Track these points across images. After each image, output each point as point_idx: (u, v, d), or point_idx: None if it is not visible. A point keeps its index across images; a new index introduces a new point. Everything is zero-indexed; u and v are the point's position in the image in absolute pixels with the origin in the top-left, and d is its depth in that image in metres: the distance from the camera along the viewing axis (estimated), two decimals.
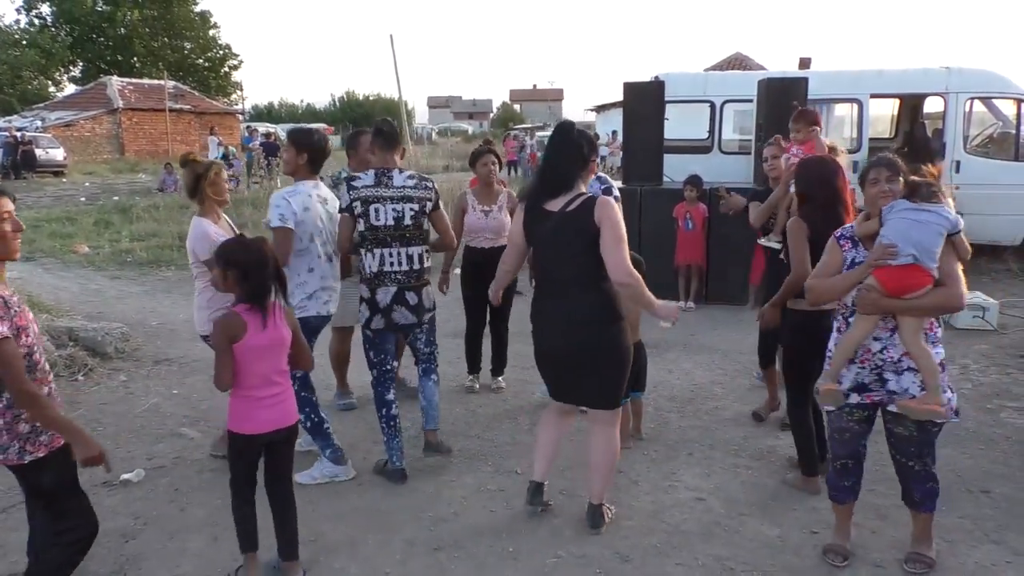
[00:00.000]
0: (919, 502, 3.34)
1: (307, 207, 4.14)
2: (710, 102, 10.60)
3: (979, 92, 9.97)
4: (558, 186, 3.45)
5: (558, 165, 3.50)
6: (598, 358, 3.46)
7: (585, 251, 3.36)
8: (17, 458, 2.73)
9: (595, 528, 3.67)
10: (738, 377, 6.00)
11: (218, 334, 3.04)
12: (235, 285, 3.08)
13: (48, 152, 26.03)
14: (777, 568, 3.36)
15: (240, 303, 3.09)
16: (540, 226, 3.47)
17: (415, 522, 3.78)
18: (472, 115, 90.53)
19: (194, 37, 47.05)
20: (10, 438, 2.71)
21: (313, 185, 4.27)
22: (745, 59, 27.70)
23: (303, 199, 4.15)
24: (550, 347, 3.57)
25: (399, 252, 4.18)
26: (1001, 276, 9.61)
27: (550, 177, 3.50)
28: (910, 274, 3.04)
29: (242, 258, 3.06)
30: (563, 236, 3.41)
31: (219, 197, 4.24)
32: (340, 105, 62.83)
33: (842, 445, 3.34)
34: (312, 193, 4.23)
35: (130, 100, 34.31)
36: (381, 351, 4.29)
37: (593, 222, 3.33)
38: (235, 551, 3.49)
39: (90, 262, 11.11)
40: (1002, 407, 5.30)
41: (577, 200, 3.40)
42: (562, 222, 3.40)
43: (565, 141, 3.52)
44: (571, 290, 3.46)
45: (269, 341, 3.10)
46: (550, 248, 3.47)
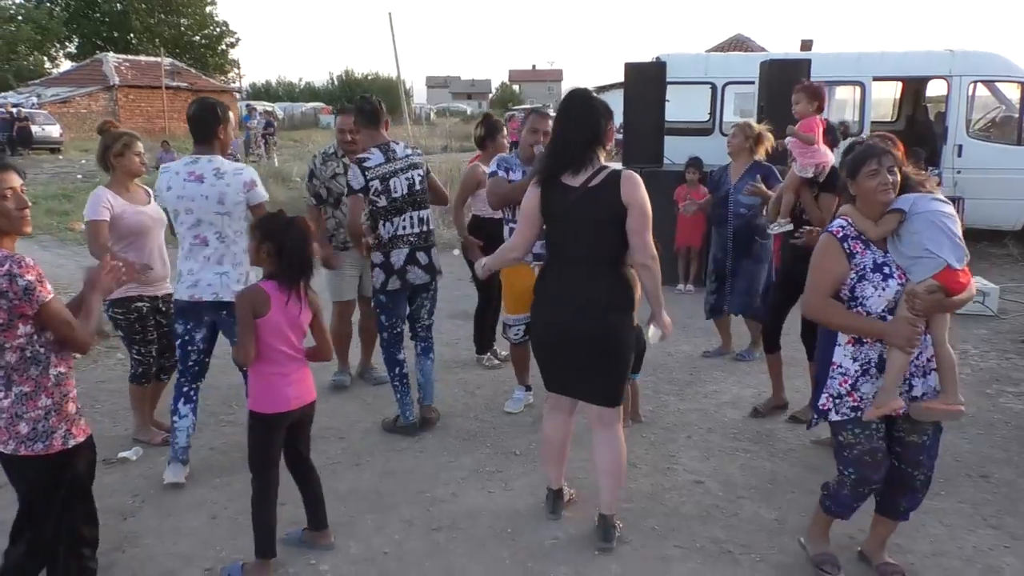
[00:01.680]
0: (904, 512, 3.12)
1: (170, 186, 3.85)
2: (711, 84, 10.54)
3: (983, 75, 9.89)
4: (577, 160, 3.21)
5: (575, 138, 3.23)
6: (604, 346, 3.24)
7: (607, 228, 3.19)
8: (62, 443, 2.58)
9: (606, 542, 3.37)
10: (737, 360, 5.99)
11: (243, 308, 3.03)
12: (267, 259, 3.07)
13: (44, 129, 25.93)
14: (775, 551, 3.36)
15: (269, 279, 3.08)
16: (558, 201, 3.23)
17: (413, 503, 3.78)
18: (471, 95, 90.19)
19: (191, 14, 46.72)
20: (59, 419, 2.59)
21: (189, 161, 3.90)
22: (747, 41, 27.51)
23: (168, 177, 3.87)
24: (556, 329, 3.29)
25: (411, 216, 4.47)
26: (1001, 261, 9.59)
27: (568, 151, 3.23)
28: (965, 273, 2.86)
29: (281, 234, 3.05)
30: (584, 212, 3.19)
31: (124, 170, 4.21)
32: (338, 84, 62.39)
33: (875, 468, 2.92)
34: (181, 170, 3.87)
35: (126, 77, 34.11)
36: (393, 315, 4.53)
37: (620, 199, 3.14)
38: (233, 530, 3.50)
39: (86, 239, 11.05)
40: (1001, 392, 5.30)
41: (600, 174, 3.20)
42: (584, 197, 3.18)
43: (581, 111, 3.26)
44: (587, 270, 3.23)
45: (291, 320, 3.09)
46: (568, 224, 3.24)
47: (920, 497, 3.07)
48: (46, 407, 2.56)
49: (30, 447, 2.54)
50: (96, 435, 2.84)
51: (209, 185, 3.83)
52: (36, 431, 2.54)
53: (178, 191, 3.83)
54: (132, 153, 4.24)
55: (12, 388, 2.52)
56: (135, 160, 4.24)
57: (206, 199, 3.82)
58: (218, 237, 3.87)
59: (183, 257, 3.91)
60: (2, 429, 2.54)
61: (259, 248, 3.08)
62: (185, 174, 3.85)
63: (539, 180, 3.31)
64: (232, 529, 3.53)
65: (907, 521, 3.19)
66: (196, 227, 3.86)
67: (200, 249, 3.87)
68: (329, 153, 5.25)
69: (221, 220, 3.85)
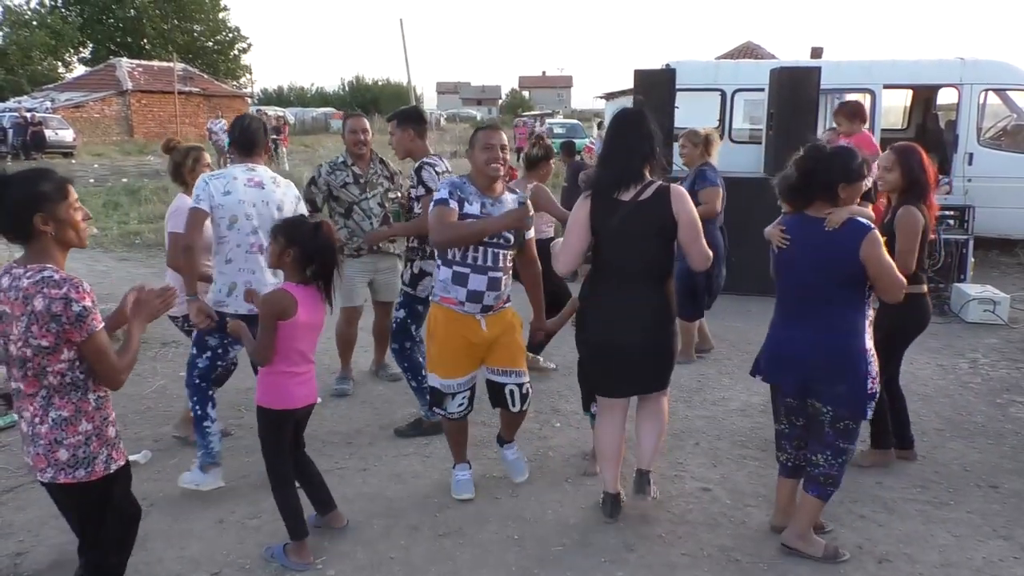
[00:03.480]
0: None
1: (228, 190, 3.77)
2: (721, 91, 10.52)
3: (993, 84, 9.85)
4: (629, 177, 3.34)
5: (630, 156, 3.36)
6: (665, 352, 3.53)
7: (657, 241, 3.36)
8: (104, 468, 2.48)
9: (640, 493, 3.70)
10: (745, 367, 5.95)
11: (268, 310, 3.08)
12: (291, 264, 3.13)
13: (58, 133, 26.11)
14: (781, 559, 3.35)
15: (295, 283, 3.14)
16: (609, 216, 3.35)
17: (420, 508, 3.78)
18: (481, 101, 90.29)
19: (204, 19, 47.01)
20: (99, 444, 2.47)
21: (247, 168, 3.88)
22: (757, 48, 27.48)
23: (226, 181, 3.79)
24: (621, 342, 3.43)
25: None
26: (1012, 270, 9.53)
27: (621, 168, 3.37)
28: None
29: (308, 239, 3.11)
30: (635, 226, 3.32)
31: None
32: (349, 89, 62.68)
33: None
34: (239, 175, 3.83)
35: (139, 82, 34.32)
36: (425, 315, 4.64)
37: (670, 213, 3.31)
38: (241, 534, 3.53)
39: (98, 243, 11.12)
40: (1011, 401, 5.26)
41: (649, 189, 3.33)
42: (635, 212, 3.31)
43: (635, 131, 3.40)
44: (641, 282, 3.40)
45: (312, 321, 3.18)
46: (619, 239, 3.36)
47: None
48: (87, 432, 2.44)
49: (70, 474, 2.42)
50: None
51: (269, 191, 3.87)
52: (76, 457, 2.42)
53: (240, 195, 3.78)
54: (202, 165, 4.40)
55: (50, 413, 2.39)
56: (206, 172, 4.29)
57: (267, 205, 3.84)
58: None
59: (232, 269, 3.80)
60: (40, 456, 2.41)
61: (283, 252, 3.12)
62: (245, 179, 3.82)
63: (591, 195, 3.43)
64: (240, 534, 3.55)
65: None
66: (253, 234, 3.80)
67: (256, 257, 3.80)
68: (338, 163, 5.25)
69: None
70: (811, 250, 3.18)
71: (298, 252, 3.10)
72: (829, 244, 3.13)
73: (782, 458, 3.49)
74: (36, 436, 2.41)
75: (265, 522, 3.62)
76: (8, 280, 2.35)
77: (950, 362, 6.04)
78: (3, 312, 2.35)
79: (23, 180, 2.38)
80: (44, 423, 2.40)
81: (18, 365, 2.38)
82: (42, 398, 2.40)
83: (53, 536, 3.53)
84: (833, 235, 3.12)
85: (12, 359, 2.39)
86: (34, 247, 2.39)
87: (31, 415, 2.42)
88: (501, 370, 3.75)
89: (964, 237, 7.81)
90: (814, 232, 3.17)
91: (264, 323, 3.08)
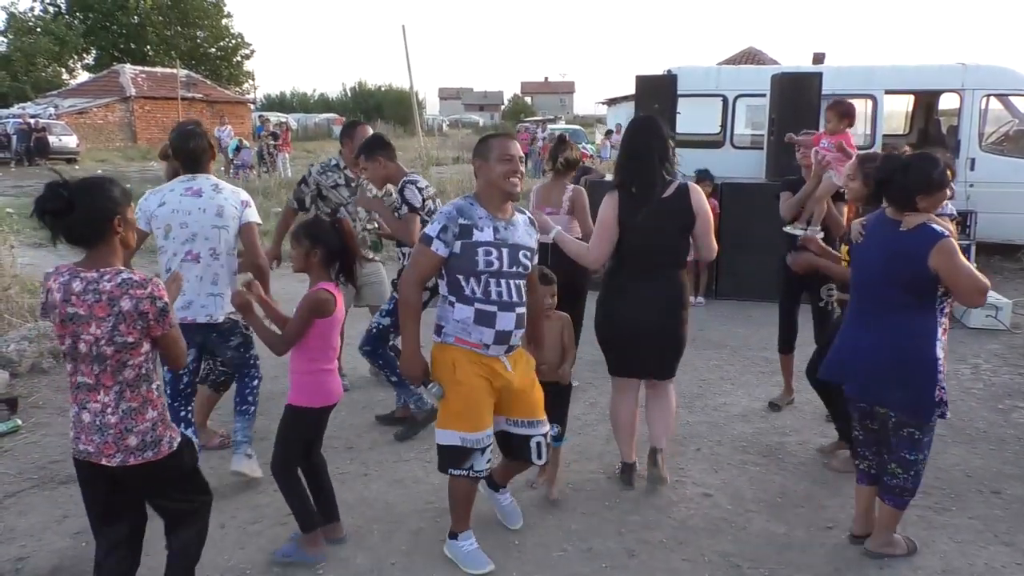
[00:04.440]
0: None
1: (163, 202, 3.81)
2: (722, 96, 10.53)
3: (995, 89, 9.85)
4: (652, 177, 3.71)
5: (651, 159, 3.73)
6: (678, 335, 3.84)
7: (678, 234, 3.76)
8: (168, 447, 2.63)
9: (655, 466, 3.97)
10: (747, 373, 5.97)
11: (310, 310, 3.16)
12: (317, 264, 3.24)
13: (61, 139, 26.20)
14: (783, 565, 3.35)
15: (327, 281, 3.25)
16: (636, 212, 3.69)
17: (421, 513, 3.78)
18: (483, 107, 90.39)
19: (207, 26, 47.08)
20: (164, 428, 2.64)
21: (186, 179, 3.88)
22: (758, 53, 27.49)
23: (162, 195, 3.84)
24: (642, 324, 3.77)
25: None
26: (1014, 275, 9.52)
27: (645, 169, 3.73)
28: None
29: (332, 238, 3.25)
30: (660, 221, 3.69)
31: None
32: (352, 95, 62.75)
33: None
34: (177, 187, 3.85)
35: (143, 88, 34.40)
36: None
37: (690, 208, 3.71)
38: (241, 539, 3.53)
39: None
40: (1014, 407, 5.25)
41: (670, 187, 3.73)
42: (660, 208, 3.69)
43: (654, 136, 3.78)
44: (665, 272, 3.79)
45: (341, 317, 3.35)
46: (646, 234, 3.71)
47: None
48: (153, 419, 2.60)
49: (139, 456, 2.57)
50: None
51: (208, 199, 3.82)
52: (144, 442, 2.57)
53: (173, 205, 3.79)
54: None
55: (121, 405, 2.54)
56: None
57: (203, 212, 3.79)
58: (212, 254, 3.82)
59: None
60: (108, 444, 2.55)
61: (310, 254, 3.22)
62: (182, 189, 3.84)
63: (617, 195, 3.76)
64: (240, 538, 3.55)
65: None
66: (190, 242, 3.78)
67: (191, 267, 3.77)
68: (331, 164, 5.32)
69: (218, 234, 3.81)
70: (883, 251, 3.20)
71: (324, 252, 3.23)
72: (900, 247, 3.13)
73: (862, 465, 3.49)
74: (104, 426, 2.54)
75: (266, 527, 3.63)
76: (81, 284, 2.47)
77: (952, 367, 6.02)
78: (75, 313, 2.47)
79: (102, 186, 2.54)
80: (115, 414, 2.54)
81: (93, 362, 2.50)
82: (115, 392, 2.54)
83: (55, 541, 3.54)
84: (905, 239, 3.12)
85: (82, 356, 2.51)
86: (102, 250, 2.52)
87: (100, 407, 2.54)
88: (526, 421, 3.35)
89: (966, 242, 7.82)
90: (889, 233, 3.19)
91: (300, 318, 3.17)
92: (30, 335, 6.07)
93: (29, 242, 11.17)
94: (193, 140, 3.91)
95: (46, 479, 4.15)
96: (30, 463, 4.35)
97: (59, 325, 2.51)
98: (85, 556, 3.40)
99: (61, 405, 5.23)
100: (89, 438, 2.55)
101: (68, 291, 2.47)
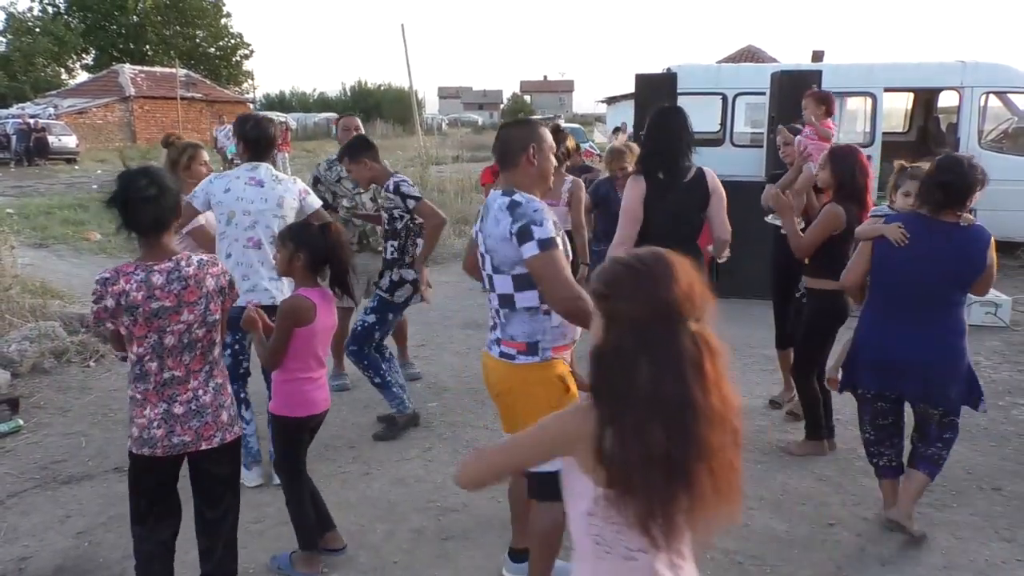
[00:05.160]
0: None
1: (228, 188, 3.94)
2: (722, 94, 10.53)
3: (994, 86, 9.85)
4: (676, 163, 3.89)
5: (675, 145, 3.91)
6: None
7: (698, 216, 3.95)
8: (239, 429, 2.79)
9: None
10: (748, 371, 5.98)
11: (287, 318, 3.05)
12: (301, 270, 3.12)
13: (61, 139, 26.22)
14: (785, 562, 3.35)
15: (310, 288, 3.13)
16: (663, 195, 3.88)
17: (423, 512, 3.79)
18: (482, 106, 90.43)
19: (206, 25, 47.13)
20: (233, 402, 2.79)
21: (249, 168, 4.02)
22: (758, 52, 27.53)
23: (227, 180, 3.97)
24: None
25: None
26: (1014, 272, 9.53)
27: (669, 156, 3.91)
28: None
29: (317, 243, 3.11)
30: (683, 205, 3.91)
31: (192, 180, 4.31)
32: (351, 94, 62.73)
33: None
34: (242, 175, 3.98)
35: (142, 88, 34.41)
36: (391, 326, 4.85)
37: (708, 190, 3.90)
38: (242, 540, 3.51)
39: (102, 249, 11.15)
40: (1014, 404, 5.26)
41: (690, 171, 3.91)
42: (684, 191, 3.89)
43: (676, 123, 3.97)
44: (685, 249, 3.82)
45: (327, 324, 3.18)
46: (671, 217, 3.86)
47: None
48: (232, 392, 2.78)
49: (231, 431, 2.72)
50: (111, 443, 2.88)
51: (269, 188, 3.97)
52: (231, 416, 2.73)
53: (238, 192, 3.92)
54: (198, 164, 4.49)
55: (210, 384, 2.65)
56: (202, 170, 4.45)
57: (265, 201, 3.95)
58: (272, 241, 3.92)
59: (231, 263, 3.86)
60: (208, 425, 2.63)
61: (292, 258, 3.10)
62: (246, 178, 3.96)
63: (643, 181, 3.91)
64: (243, 539, 3.51)
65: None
66: (251, 229, 3.93)
67: (253, 252, 3.94)
68: (333, 159, 5.39)
69: (278, 224, 3.92)
70: (937, 253, 3.21)
71: (307, 256, 3.09)
72: (961, 249, 3.19)
73: (882, 462, 3.54)
74: (202, 408, 2.62)
75: (268, 527, 3.63)
76: (161, 276, 2.48)
77: None
78: (162, 307, 2.47)
79: (165, 175, 2.63)
80: (207, 394, 2.64)
81: (184, 351, 2.56)
82: (204, 373, 2.64)
83: (58, 541, 3.54)
84: (962, 241, 3.19)
85: (168, 350, 2.53)
86: (165, 238, 2.56)
87: (191, 395, 2.60)
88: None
89: None
90: (941, 235, 3.22)
91: (280, 327, 3.06)
92: (31, 335, 6.08)
93: (29, 242, 11.17)
94: (260, 129, 4.06)
95: (48, 479, 4.16)
96: (32, 463, 4.36)
97: (141, 325, 2.47)
98: (88, 556, 3.41)
99: (62, 405, 5.24)
100: (186, 427, 2.58)
101: (150, 287, 2.46)
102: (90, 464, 4.30)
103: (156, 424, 2.56)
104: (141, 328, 2.47)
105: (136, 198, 2.46)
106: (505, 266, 2.67)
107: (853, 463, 4.32)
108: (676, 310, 1.47)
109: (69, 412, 5.13)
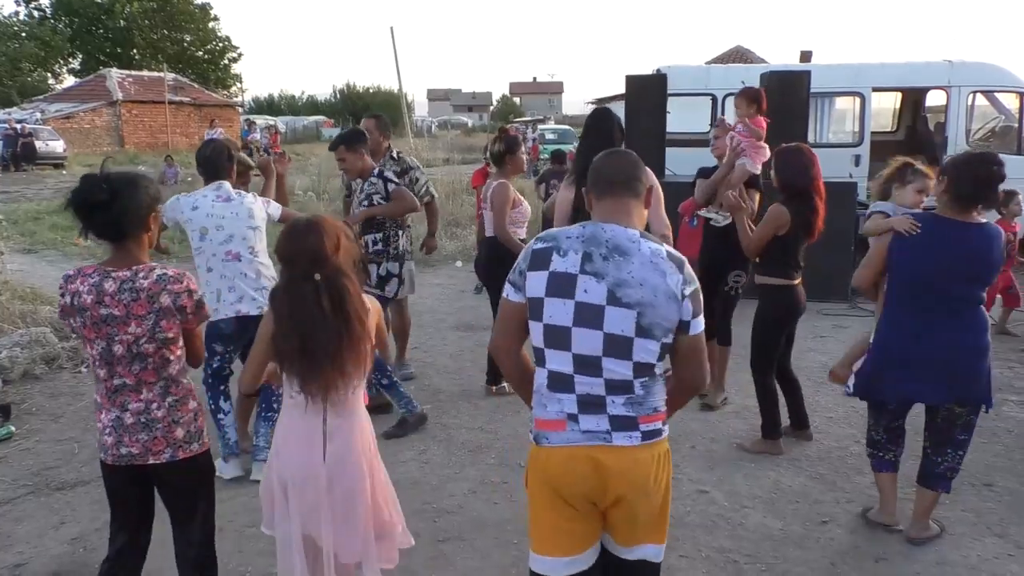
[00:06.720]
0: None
1: (196, 206, 4.06)
2: (712, 95, 10.58)
3: (981, 86, 9.92)
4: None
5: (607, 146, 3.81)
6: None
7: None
8: (200, 447, 2.64)
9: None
10: (740, 371, 5.99)
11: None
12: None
13: (48, 144, 26.07)
14: (780, 560, 3.37)
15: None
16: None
17: (419, 514, 3.79)
18: (472, 108, 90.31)
19: (194, 29, 46.99)
20: (202, 419, 2.68)
21: (214, 187, 4.13)
22: (747, 52, 27.59)
23: (194, 199, 4.10)
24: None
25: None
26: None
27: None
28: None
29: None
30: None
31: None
32: (340, 97, 62.63)
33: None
34: (208, 194, 4.11)
35: (130, 92, 34.26)
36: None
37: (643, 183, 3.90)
38: (239, 542, 3.53)
39: (91, 254, 11.08)
40: (1004, 401, 5.30)
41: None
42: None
43: (605, 126, 4.06)
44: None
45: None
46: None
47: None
48: (194, 409, 2.63)
49: (187, 449, 2.59)
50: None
51: (237, 203, 4.10)
52: (190, 433, 2.60)
53: (207, 210, 4.04)
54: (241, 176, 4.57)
55: (167, 399, 2.55)
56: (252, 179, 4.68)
57: (236, 215, 4.07)
58: (251, 252, 4.09)
59: (214, 277, 4.04)
60: (158, 440, 2.53)
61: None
62: (213, 196, 4.08)
63: (575, 181, 3.87)
64: (238, 541, 3.55)
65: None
66: (228, 243, 4.04)
67: (233, 265, 4.05)
68: None
69: (253, 235, 4.10)
70: (957, 251, 3.23)
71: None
72: (979, 246, 3.22)
73: (888, 456, 3.56)
74: (152, 422, 2.52)
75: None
76: (114, 284, 2.42)
77: None
78: (110, 315, 2.42)
79: (140, 181, 2.53)
80: (160, 408, 2.54)
81: (132, 362, 2.47)
82: (160, 387, 2.54)
83: (52, 547, 3.53)
84: (980, 238, 3.22)
85: (117, 358, 2.46)
86: (132, 246, 2.49)
87: (143, 405, 2.52)
88: None
89: None
90: (962, 235, 3.23)
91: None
92: (22, 341, 6.05)
93: (19, 248, 11.11)
94: (212, 151, 4.23)
95: (41, 485, 4.14)
96: (25, 470, 4.34)
97: (90, 328, 2.43)
98: (82, 562, 3.40)
99: (54, 411, 5.21)
100: (134, 439, 2.50)
101: (101, 292, 2.41)
102: (83, 470, 4.28)
103: (107, 431, 2.52)
104: (90, 331, 2.44)
105: (87, 202, 2.40)
106: (659, 331, 2.17)
107: (846, 460, 4.35)
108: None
109: (61, 418, 5.10)
